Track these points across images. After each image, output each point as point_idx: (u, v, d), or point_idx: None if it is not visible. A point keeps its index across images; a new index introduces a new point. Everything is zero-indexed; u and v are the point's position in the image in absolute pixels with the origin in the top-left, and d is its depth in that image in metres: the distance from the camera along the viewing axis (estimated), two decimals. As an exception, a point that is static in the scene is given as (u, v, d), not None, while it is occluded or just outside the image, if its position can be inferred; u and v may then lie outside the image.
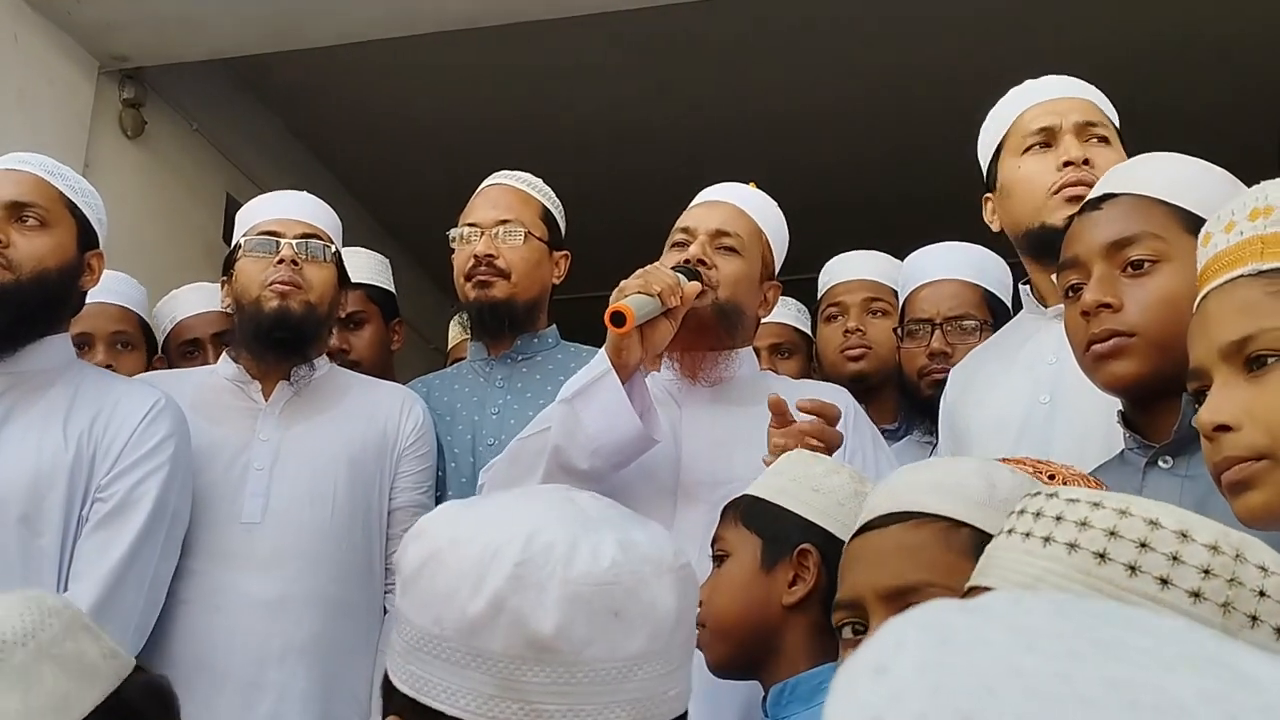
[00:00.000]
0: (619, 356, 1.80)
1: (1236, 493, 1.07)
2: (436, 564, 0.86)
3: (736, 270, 2.01)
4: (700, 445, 1.97)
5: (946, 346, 2.33)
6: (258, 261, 2.15)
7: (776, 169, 4.36)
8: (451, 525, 0.89)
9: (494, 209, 2.34)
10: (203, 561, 2.01)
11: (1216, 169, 1.45)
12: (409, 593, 0.88)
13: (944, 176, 2.71)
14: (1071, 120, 1.85)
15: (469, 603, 0.84)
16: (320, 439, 2.13)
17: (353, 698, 2.04)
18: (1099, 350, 1.38)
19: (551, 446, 1.81)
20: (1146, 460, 1.38)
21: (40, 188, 1.95)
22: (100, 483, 1.90)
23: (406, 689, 0.86)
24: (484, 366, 2.36)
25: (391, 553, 2.14)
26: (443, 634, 0.84)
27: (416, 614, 0.86)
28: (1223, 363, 1.09)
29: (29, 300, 1.90)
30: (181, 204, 3.96)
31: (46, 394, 1.93)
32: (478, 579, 0.84)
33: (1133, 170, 1.49)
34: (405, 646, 0.87)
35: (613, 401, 1.77)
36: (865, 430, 2.06)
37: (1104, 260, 1.39)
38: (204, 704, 1.92)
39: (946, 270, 2.42)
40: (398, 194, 4.89)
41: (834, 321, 2.76)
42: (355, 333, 2.72)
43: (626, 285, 1.80)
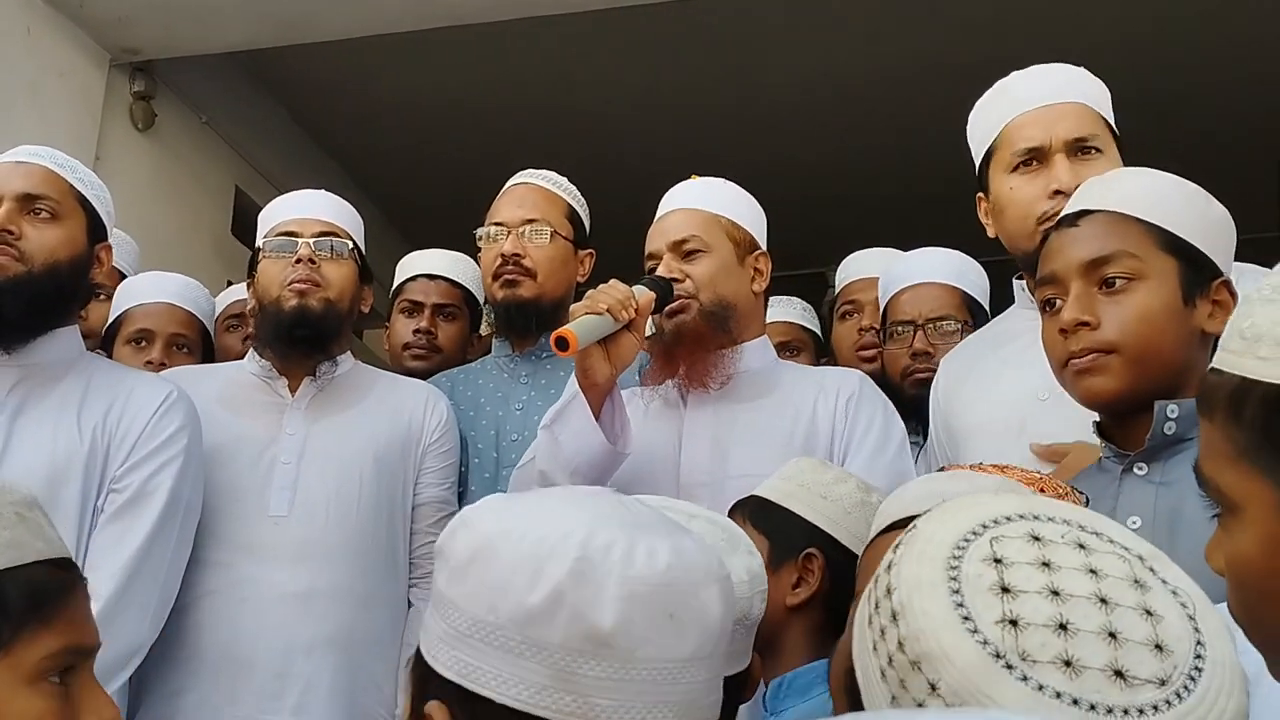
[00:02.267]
0: (586, 378, 1.84)
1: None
2: (489, 554, 0.86)
3: (708, 269, 2.00)
4: (700, 446, 1.97)
5: (929, 347, 2.38)
6: (277, 262, 2.15)
7: (778, 161, 4.38)
8: (500, 517, 0.89)
9: (520, 208, 2.33)
10: (229, 554, 2.01)
11: (1190, 185, 1.46)
12: (459, 580, 0.88)
13: (948, 168, 2.70)
14: (1061, 138, 1.80)
15: (527, 594, 0.84)
16: (346, 434, 2.13)
17: (377, 690, 2.03)
18: (1077, 366, 1.41)
19: (538, 472, 1.87)
20: (1123, 468, 1.40)
21: (51, 180, 1.95)
22: (115, 474, 1.88)
23: (453, 675, 0.86)
24: (508, 363, 2.36)
25: (416, 547, 2.15)
26: (498, 622, 0.85)
27: (468, 602, 0.86)
28: (1079, 276, 1.35)
29: (41, 292, 1.89)
30: (191, 196, 3.97)
31: (59, 386, 1.93)
32: (535, 571, 0.85)
33: (1109, 186, 1.49)
34: (452, 633, 0.87)
35: (582, 424, 1.82)
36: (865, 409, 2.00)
37: (1081, 278, 1.41)
38: (230, 694, 1.93)
39: (927, 274, 2.47)
40: (407, 188, 4.89)
41: (849, 319, 2.79)
42: (445, 323, 2.77)
43: (574, 309, 1.84)
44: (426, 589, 2.12)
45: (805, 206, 4.48)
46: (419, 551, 2.15)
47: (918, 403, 2.37)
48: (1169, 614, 0.71)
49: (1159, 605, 0.72)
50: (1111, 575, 0.72)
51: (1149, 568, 0.75)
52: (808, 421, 1.99)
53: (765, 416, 1.99)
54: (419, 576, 2.14)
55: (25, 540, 1.06)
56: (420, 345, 2.72)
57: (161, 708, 1.91)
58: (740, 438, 1.96)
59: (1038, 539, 0.74)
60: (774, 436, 1.96)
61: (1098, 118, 1.84)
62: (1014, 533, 0.75)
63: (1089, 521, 0.78)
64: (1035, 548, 0.73)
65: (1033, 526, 0.75)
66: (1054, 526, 0.75)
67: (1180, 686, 0.68)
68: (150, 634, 1.85)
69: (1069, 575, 0.71)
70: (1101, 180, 1.54)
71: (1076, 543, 0.74)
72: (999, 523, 0.76)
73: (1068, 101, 1.84)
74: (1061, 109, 1.83)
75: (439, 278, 2.79)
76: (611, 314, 1.80)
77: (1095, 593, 0.71)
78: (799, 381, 2.07)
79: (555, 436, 1.83)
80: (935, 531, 0.76)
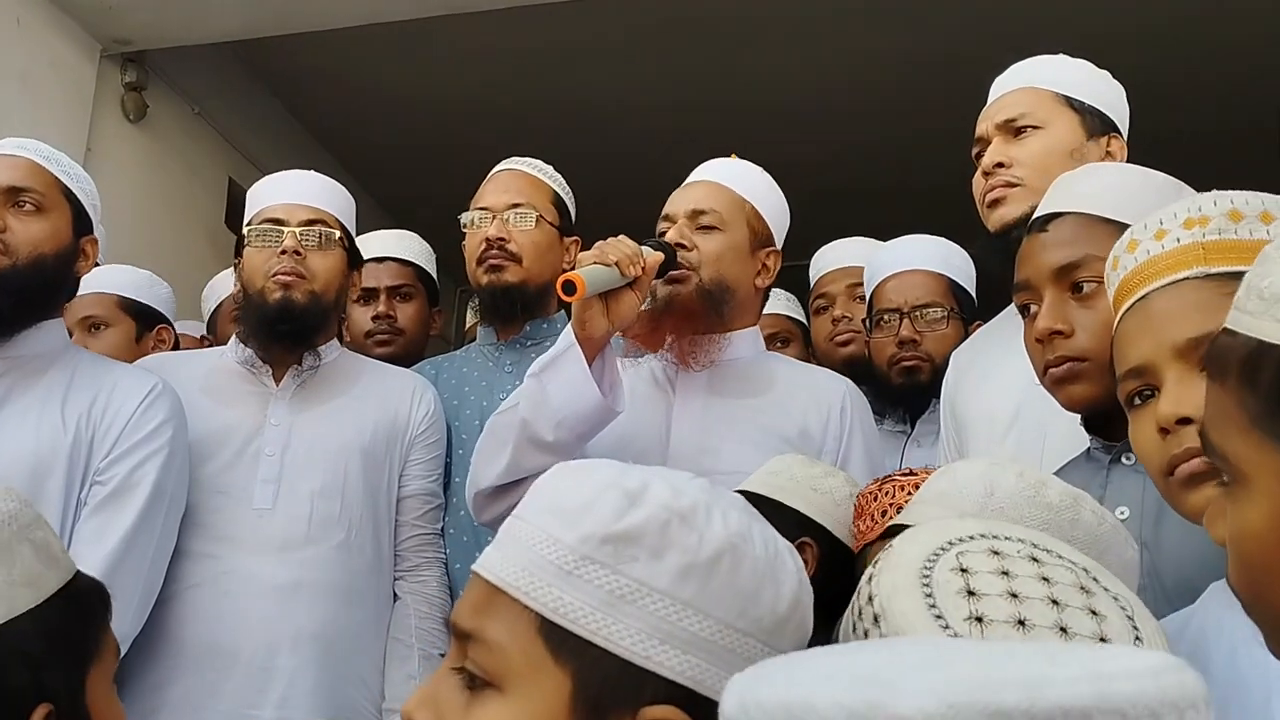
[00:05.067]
0: (583, 330, 1.78)
1: (1193, 486, 1.06)
2: (736, 557, 0.81)
3: (718, 247, 1.97)
4: (688, 436, 1.95)
5: (915, 334, 2.38)
6: (261, 251, 2.12)
7: (774, 152, 4.37)
8: (721, 516, 0.84)
9: (505, 193, 2.32)
10: (214, 545, 2.00)
11: (1159, 175, 1.45)
12: (705, 580, 0.80)
13: (943, 161, 2.71)
14: (996, 123, 1.90)
15: (776, 601, 0.82)
16: (331, 425, 2.11)
17: (362, 683, 2.03)
18: (1055, 375, 1.41)
19: (520, 420, 1.80)
20: (1110, 458, 1.40)
21: (36, 173, 1.94)
22: (99, 466, 1.88)
23: (684, 680, 0.79)
24: (493, 351, 2.35)
25: (402, 540, 2.13)
26: (745, 629, 0.81)
27: (714, 605, 0.80)
28: (1176, 360, 1.09)
29: (26, 285, 1.89)
30: (184, 187, 3.96)
31: (43, 378, 1.92)
32: (776, 578, 0.83)
33: (1075, 186, 1.49)
34: (689, 638, 0.79)
35: (576, 374, 1.77)
36: (858, 429, 2.01)
37: (1053, 285, 1.41)
38: (213, 688, 1.92)
39: (912, 262, 2.47)
40: (400, 177, 4.88)
41: (823, 313, 2.83)
42: (403, 304, 2.76)
43: (582, 257, 1.79)
44: (413, 582, 2.12)
45: (797, 201, 4.48)
46: (405, 543, 2.14)
47: (904, 391, 2.39)
48: (1111, 614, 0.81)
49: (1102, 607, 0.81)
50: (1061, 582, 0.82)
51: (1093, 578, 0.85)
52: (800, 426, 1.98)
53: (760, 417, 1.97)
54: (405, 569, 2.13)
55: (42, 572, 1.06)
56: (382, 331, 2.70)
57: (145, 701, 1.90)
58: (733, 434, 1.95)
59: (997, 553, 0.84)
60: (766, 437, 1.95)
61: (1042, 97, 1.89)
62: (977, 548, 0.84)
63: (1040, 540, 0.88)
64: (995, 560, 0.83)
65: (992, 544, 0.85)
66: (1010, 544, 0.85)
67: None
68: (134, 627, 1.85)
69: (1025, 581, 0.81)
70: (1069, 180, 1.53)
71: (1030, 556, 0.84)
72: (963, 540, 0.85)
73: (1011, 90, 1.92)
74: (1006, 99, 1.92)
75: (388, 259, 2.76)
76: (619, 268, 1.76)
77: (1048, 596, 0.80)
78: (791, 383, 2.05)
79: (543, 385, 1.78)
80: (908, 549, 0.86)
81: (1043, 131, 1.86)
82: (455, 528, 2.19)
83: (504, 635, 0.80)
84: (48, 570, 1.04)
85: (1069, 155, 1.83)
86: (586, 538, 0.80)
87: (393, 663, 2.05)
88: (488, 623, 0.81)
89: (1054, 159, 1.82)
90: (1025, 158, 1.85)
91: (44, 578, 1.03)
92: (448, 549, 2.18)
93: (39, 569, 1.03)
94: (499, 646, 0.80)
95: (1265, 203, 1.13)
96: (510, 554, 0.83)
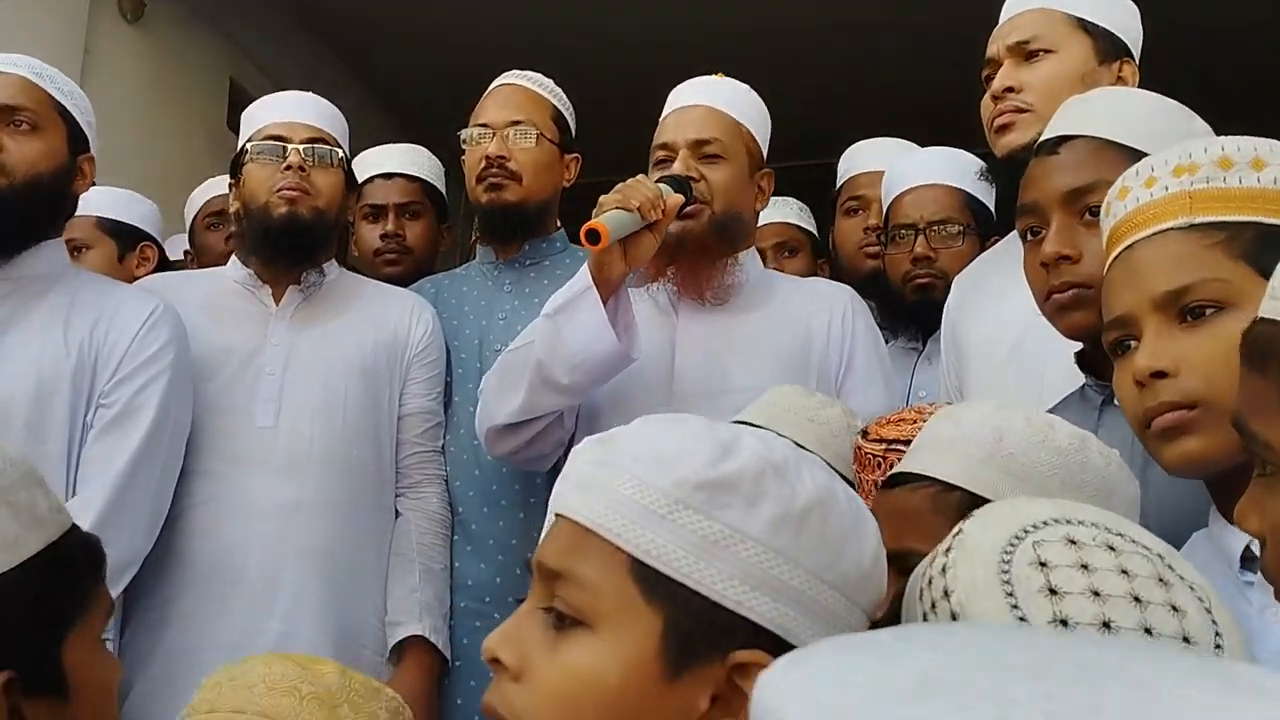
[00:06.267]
0: (600, 272, 1.80)
1: (1169, 439, 1.08)
2: (825, 511, 0.83)
3: (726, 177, 1.98)
4: (695, 356, 1.97)
5: (930, 251, 2.33)
6: (265, 167, 2.12)
7: (788, 43, 4.28)
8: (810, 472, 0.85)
9: (505, 109, 2.29)
10: (218, 464, 2.02)
11: (1170, 102, 1.43)
12: (797, 531, 0.82)
13: (964, 55, 2.60)
14: (1006, 45, 1.85)
15: (860, 557, 0.84)
16: (331, 345, 2.13)
17: (366, 598, 2.07)
18: (1059, 301, 1.39)
19: (535, 361, 1.83)
20: (1103, 398, 1.39)
21: (29, 91, 1.92)
22: (103, 389, 1.90)
23: (773, 626, 0.81)
24: (492, 270, 2.35)
25: (403, 457, 2.16)
26: (833, 582, 0.83)
27: (806, 556, 0.82)
28: (1155, 312, 1.09)
29: (23, 205, 1.88)
30: (184, 90, 3.91)
31: (45, 300, 1.93)
32: (860, 535, 0.85)
33: (1088, 108, 1.45)
34: (779, 586, 0.81)
35: (593, 319, 1.79)
36: (862, 332, 2.04)
37: (1062, 209, 1.38)
38: (220, 602, 1.97)
39: (929, 175, 2.40)
40: (404, 76, 4.80)
41: (855, 215, 2.70)
42: (411, 222, 2.74)
43: (604, 200, 1.78)
44: (414, 499, 2.16)
45: (816, 92, 4.41)
46: (406, 461, 2.17)
47: (918, 308, 2.36)
48: (1190, 608, 0.79)
49: (1182, 600, 0.79)
50: (1140, 575, 0.79)
51: (1168, 565, 0.82)
52: (804, 334, 2.01)
53: (762, 329, 2.00)
54: (406, 486, 2.17)
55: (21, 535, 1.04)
56: (390, 250, 2.69)
57: (153, 615, 1.95)
58: (737, 349, 1.97)
59: (1074, 542, 0.81)
60: (772, 349, 1.98)
61: (1055, 19, 1.85)
62: (1052, 536, 0.82)
63: (1113, 523, 0.85)
64: (1073, 551, 0.81)
65: (1067, 530, 0.82)
66: (1085, 529, 0.83)
67: None
68: (144, 547, 1.89)
69: (1105, 576, 0.79)
70: (1081, 102, 1.50)
71: (1106, 544, 0.82)
72: (1037, 527, 0.83)
73: (1024, 10, 1.87)
74: (1015, 21, 1.87)
75: (395, 175, 2.73)
76: (641, 213, 1.76)
77: (1130, 592, 0.78)
78: (791, 294, 2.08)
79: (559, 328, 1.80)
80: (983, 537, 0.83)
81: (1054, 56, 1.82)
82: (455, 445, 2.21)
83: (596, 575, 0.82)
84: (27, 533, 1.02)
85: (1081, 81, 1.79)
86: (680, 482, 0.81)
87: (395, 578, 2.09)
88: (578, 563, 0.83)
89: (1065, 84, 1.78)
90: (1036, 83, 1.81)
91: (21, 541, 1.01)
92: (447, 466, 2.21)
93: (16, 532, 1.01)
94: (591, 585, 0.82)
95: (1258, 148, 1.12)
96: (598, 497, 0.84)
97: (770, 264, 2.79)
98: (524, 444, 1.94)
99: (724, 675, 0.80)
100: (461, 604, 2.13)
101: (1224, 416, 1.01)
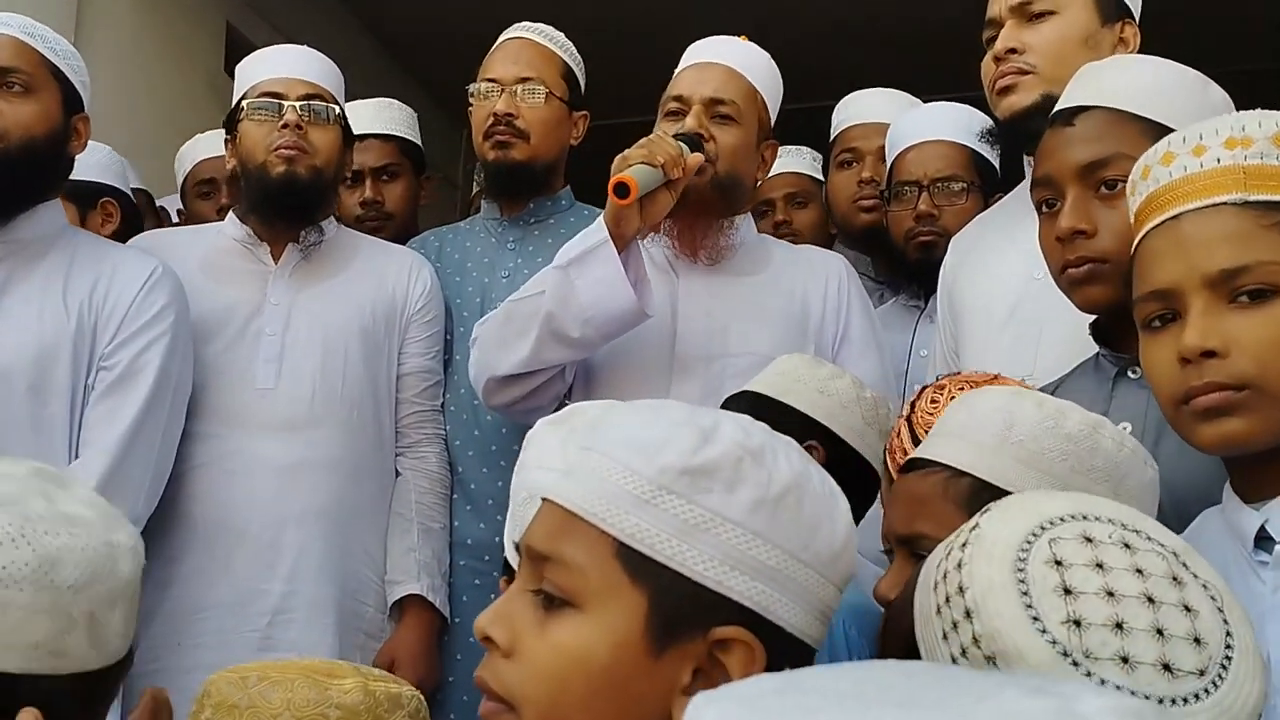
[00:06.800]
0: (617, 226, 1.79)
1: (1209, 418, 1.06)
2: (800, 494, 0.87)
3: (735, 140, 1.97)
4: (696, 318, 1.98)
5: (933, 209, 2.32)
6: (261, 125, 2.11)
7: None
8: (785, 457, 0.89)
9: (515, 64, 2.26)
10: (218, 425, 2.04)
11: (1189, 72, 1.41)
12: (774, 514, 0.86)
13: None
14: (1008, 5, 1.84)
15: (833, 537, 0.88)
16: (330, 304, 2.13)
17: (367, 556, 2.10)
18: (1074, 275, 1.38)
19: (544, 312, 1.83)
20: (1117, 370, 1.39)
21: (22, 52, 1.90)
22: (103, 352, 1.91)
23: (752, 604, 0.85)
24: (496, 227, 2.34)
25: (403, 416, 2.17)
26: (808, 561, 0.87)
27: (782, 537, 0.86)
28: (1206, 289, 1.07)
29: (18, 168, 1.88)
30: (181, 33, 3.86)
31: (43, 262, 1.93)
32: (832, 516, 0.89)
33: (1104, 77, 1.43)
34: (756, 566, 0.85)
35: (608, 273, 1.78)
36: (857, 303, 2.06)
37: (1077, 182, 1.37)
38: (225, 563, 1.99)
39: (933, 131, 2.38)
40: (405, 19, 4.73)
41: (848, 169, 2.68)
42: (389, 185, 2.71)
43: (630, 155, 1.77)
44: (413, 458, 2.17)
45: (825, 34, 4.35)
46: (405, 420, 2.18)
47: (920, 266, 2.35)
48: (1203, 608, 0.80)
49: (1194, 600, 0.80)
50: (1154, 574, 0.81)
51: (1183, 563, 0.83)
52: (801, 302, 2.03)
53: (762, 294, 2.01)
54: (405, 446, 2.18)
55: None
56: (370, 218, 2.65)
57: (158, 574, 1.97)
58: (738, 313, 1.98)
59: (1090, 540, 0.82)
60: (771, 314, 2.00)
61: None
62: (1068, 534, 0.83)
63: (1129, 519, 0.86)
64: (1089, 549, 0.82)
65: (1084, 527, 0.83)
66: (1101, 526, 0.84)
67: (1215, 676, 0.77)
68: (146, 509, 1.91)
69: (1120, 576, 0.80)
70: (1096, 70, 1.48)
71: (1122, 542, 0.83)
72: (1054, 524, 0.84)
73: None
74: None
75: (369, 136, 2.65)
76: (664, 169, 1.76)
77: (1144, 592, 0.79)
78: (787, 261, 2.10)
79: (571, 280, 1.80)
80: (999, 533, 0.84)
81: (1058, 16, 1.80)
82: (455, 404, 2.22)
83: (583, 558, 0.85)
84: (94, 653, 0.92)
85: (1083, 42, 1.77)
86: (665, 469, 0.85)
87: (394, 537, 2.12)
88: (565, 546, 0.86)
89: (1068, 46, 1.77)
90: (1039, 44, 1.79)
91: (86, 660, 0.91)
92: (447, 425, 2.22)
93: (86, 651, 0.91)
94: (579, 568, 0.85)
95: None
96: (585, 483, 0.87)
97: (779, 215, 2.78)
98: (524, 395, 1.94)
99: (705, 650, 0.84)
100: (461, 562, 2.16)
101: (1271, 401, 1.03)
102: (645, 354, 1.95)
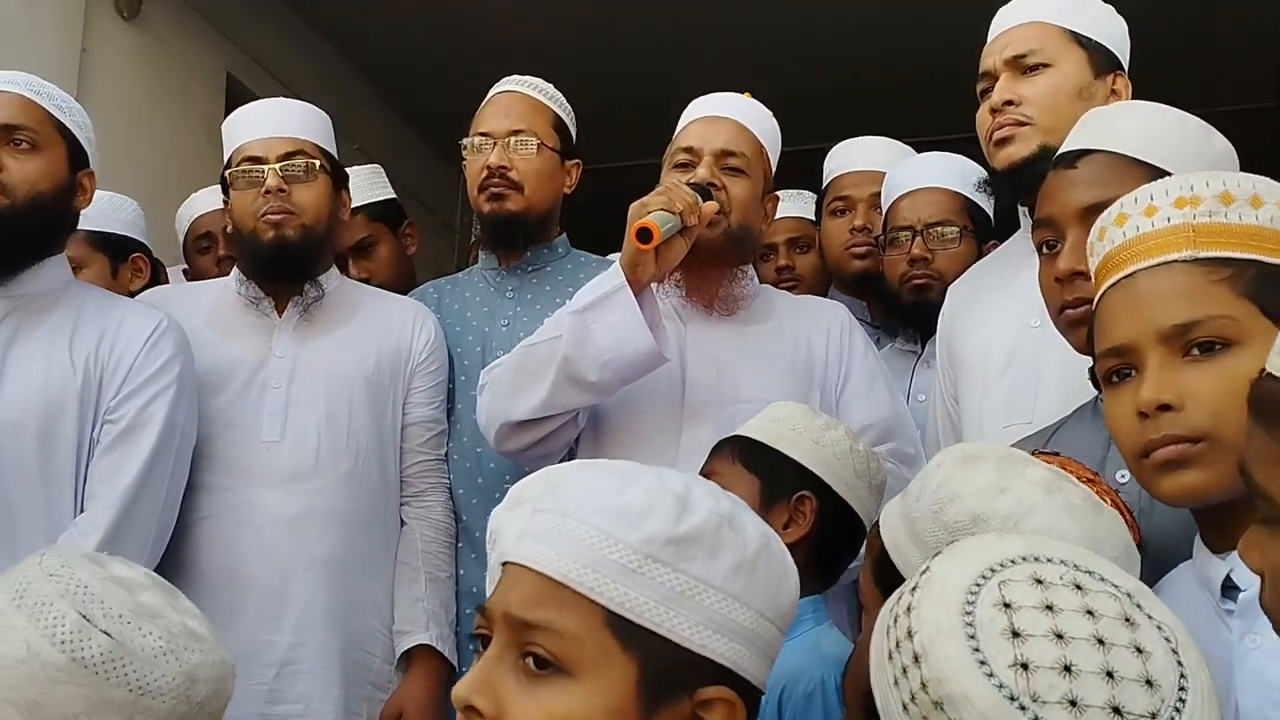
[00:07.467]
0: (634, 272, 1.82)
1: (1169, 471, 1.09)
2: (768, 554, 0.91)
3: (744, 192, 2.01)
4: (706, 365, 2.00)
5: (927, 252, 2.36)
6: (246, 193, 2.14)
7: (786, 30, 4.26)
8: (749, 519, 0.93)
9: (506, 118, 2.29)
10: (225, 477, 2.05)
11: (1192, 119, 1.43)
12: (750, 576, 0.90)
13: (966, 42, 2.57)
14: (1003, 59, 1.86)
15: (791, 591, 0.93)
16: (335, 356, 2.15)
17: (373, 606, 2.10)
18: (1071, 316, 1.41)
19: (561, 357, 1.85)
20: None
21: (28, 109, 1.93)
22: (109, 405, 1.92)
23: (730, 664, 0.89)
24: (494, 276, 2.36)
25: (407, 466, 2.18)
26: (772, 618, 0.92)
27: (754, 598, 0.90)
28: (1160, 344, 1.10)
29: (25, 224, 1.90)
30: (182, 85, 3.89)
31: (49, 317, 1.94)
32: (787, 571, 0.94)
33: (1107, 123, 1.46)
34: (735, 628, 0.89)
35: (626, 317, 1.81)
36: (859, 344, 2.08)
37: (1078, 225, 1.39)
38: (231, 614, 1.98)
39: (927, 179, 2.43)
40: (402, 65, 4.77)
41: (840, 216, 2.71)
42: (370, 258, 2.72)
43: (649, 201, 1.80)
44: (419, 507, 2.18)
45: (812, 80, 4.40)
46: (410, 470, 2.19)
47: (915, 309, 2.38)
48: (1156, 649, 0.79)
49: (1147, 641, 0.79)
50: (1106, 615, 0.80)
51: (1136, 604, 0.82)
52: (806, 350, 2.06)
53: (768, 342, 2.05)
54: (410, 495, 2.19)
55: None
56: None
57: (166, 628, 1.97)
58: (747, 362, 2.01)
59: (1040, 581, 0.82)
60: (778, 361, 2.03)
61: (1051, 33, 1.85)
62: (1019, 576, 0.82)
63: (1083, 560, 0.85)
64: (1039, 591, 0.81)
65: (1035, 569, 0.83)
66: (1053, 568, 0.83)
67: (1168, 719, 0.76)
68: (150, 562, 1.90)
69: (1070, 618, 0.79)
70: (1100, 116, 1.51)
71: (1074, 583, 0.82)
72: (1005, 565, 0.83)
73: (1019, 24, 1.87)
74: (1011, 34, 1.88)
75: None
76: (682, 217, 1.80)
77: (1093, 634, 0.78)
78: (789, 311, 2.13)
79: (588, 324, 1.82)
80: (949, 575, 0.84)
81: (1052, 69, 1.83)
82: (458, 453, 2.23)
83: (574, 626, 0.87)
84: None
85: (1078, 94, 1.80)
86: (650, 539, 0.87)
87: (401, 586, 2.12)
88: (555, 615, 0.87)
89: (1063, 98, 1.80)
90: (1035, 96, 1.82)
91: None
92: (450, 474, 2.23)
93: None
94: (572, 636, 0.87)
95: (1256, 185, 1.13)
96: (566, 551, 0.88)
97: (782, 260, 2.81)
98: (536, 441, 1.95)
99: (690, 710, 0.88)
100: (467, 611, 2.16)
101: (1226, 452, 1.04)
102: (656, 400, 1.96)
